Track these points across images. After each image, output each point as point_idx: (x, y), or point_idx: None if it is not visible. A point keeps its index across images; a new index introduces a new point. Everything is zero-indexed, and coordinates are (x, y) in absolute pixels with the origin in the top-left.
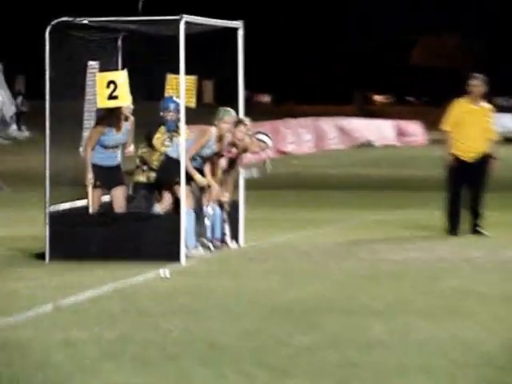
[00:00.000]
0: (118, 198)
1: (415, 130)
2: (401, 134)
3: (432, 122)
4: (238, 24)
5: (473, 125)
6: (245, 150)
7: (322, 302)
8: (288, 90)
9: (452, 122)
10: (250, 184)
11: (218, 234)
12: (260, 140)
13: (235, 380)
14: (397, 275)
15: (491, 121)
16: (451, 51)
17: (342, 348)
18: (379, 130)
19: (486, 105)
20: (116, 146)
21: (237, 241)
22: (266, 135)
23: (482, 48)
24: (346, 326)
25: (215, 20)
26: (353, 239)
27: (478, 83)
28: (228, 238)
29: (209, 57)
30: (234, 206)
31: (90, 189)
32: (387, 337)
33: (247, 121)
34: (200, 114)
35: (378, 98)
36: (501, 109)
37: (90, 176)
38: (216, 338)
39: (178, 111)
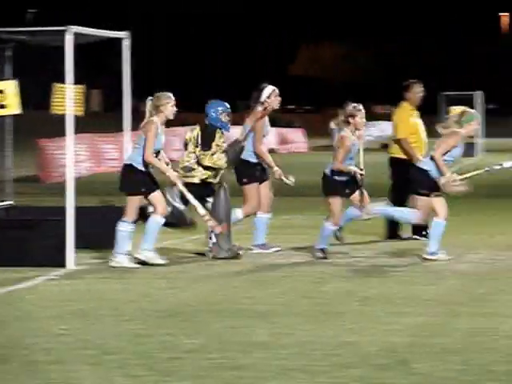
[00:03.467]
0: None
1: (297, 137)
2: (283, 141)
3: (313, 129)
4: (124, 34)
5: (422, 131)
6: None
7: (207, 305)
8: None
9: (408, 129)
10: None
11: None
12: None
13: (123, 383)
14: (280, 278)
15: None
16: (331, 60)
17: (225, 350)
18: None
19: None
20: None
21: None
22: None
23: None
24: (230, 328)
25: (102, 31)
26: (237, 243)
27: (420, 90)
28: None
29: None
30: (120, 210)
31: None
32: (270, 339)
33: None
34: (87, 123)
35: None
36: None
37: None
38: (104, 341)
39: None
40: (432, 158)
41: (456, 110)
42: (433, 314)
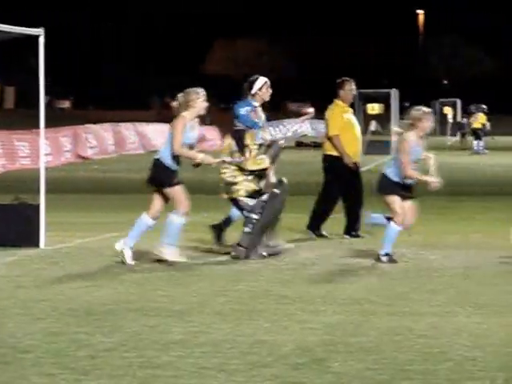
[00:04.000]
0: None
1: (212, 135)
2: (199, 139)
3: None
4: (38, 31)
5: (352, 128)
6: None
7: (122, 303)
8: (88, 96)
9: (339, 126)
10: (51, 187)
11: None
12: None
13: (38, 382)
14: (195, 277)
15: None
16: (246, 57)
17: (141, 349)
18: None
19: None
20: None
21: (38, 243)
22: None
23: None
24: (146, 327)
25: (16, 27)
26: (152, 242)
27: (353, 87)
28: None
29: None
30: (35, 208)
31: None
32: (186, 337)
33: None
34: (1, 120)
35: (175, 103)
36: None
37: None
38: (18, 340)
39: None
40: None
41: (374, 107)
42: (349, 312)
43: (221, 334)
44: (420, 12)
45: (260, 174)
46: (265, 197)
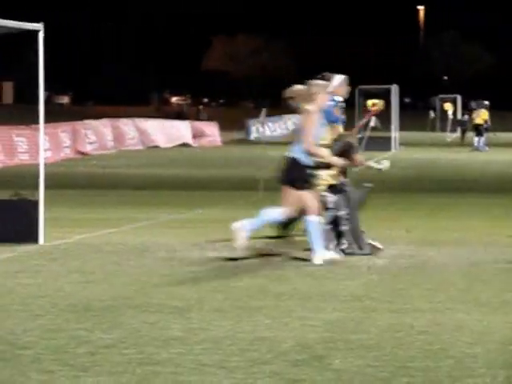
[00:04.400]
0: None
1: (211, 131)
2: (197, 134)
3: (227, 123)
4: (38, 26)
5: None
6: None
7: (122, 300)
8: (87, 92)
9: None
10: (50, 183)
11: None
12: None
13: (37, 378)
14: (194, 274)
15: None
16: (248, 53)
17: (141, 345)
18: (176, 131)
19: None
20: None
21: (37, 239)
22: None
23: (284, 51)
24: (146, 323)
25: (15, 22)
26: (151, 238)
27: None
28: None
29: (8, 58)
30: (34, 204)
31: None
32: (185, 334)
33: None
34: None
35: (174, 99)
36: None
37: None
38: (17, 336)
39: None
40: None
41: (374, 102)
42: (349, 309)
43: (221, 331)
44: (420, 8)
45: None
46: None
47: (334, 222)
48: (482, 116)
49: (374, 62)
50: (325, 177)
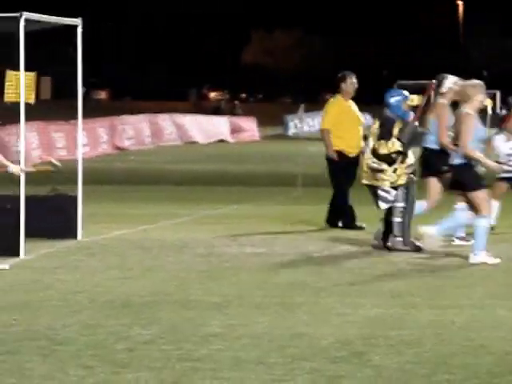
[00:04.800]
0: None
1: (249, 126)
2: (235, 130)
3: (266, 118)
4: (76, 21)
5: (353, 122)
6: None
7: (160, 296)
8: (125, 87)
9: (332, 121)
10: (88, 178)
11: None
12: None
13: (76, 374)
14: (233, 270)
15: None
16: (286, 48)
17: (180, 341)
18: (214, 127)
19: (352, 102)
20: None
21: (75, 235)
22: None
23: (325, 45)
24: (184, 319)
25: (54, 17)
26: (190, 234)
27: (353, 81)
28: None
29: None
30: (72, 199)
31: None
32: (224, 330)
33: None
34: (38, 110)
35: (213, 94)
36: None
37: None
38: (56, 332)
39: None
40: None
41: (413, 98)
42: (389, 305)
43: (259, 327)
44: (460, 2)
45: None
46: (403, 186)
47: (389, 213)
48: None
49: (413, 57)
50: (391, 173)
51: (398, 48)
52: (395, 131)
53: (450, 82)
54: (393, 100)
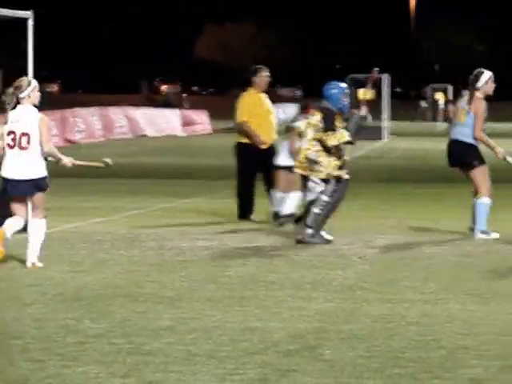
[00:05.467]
0: None
1: (201, 119)
2: (187, 123)
3: (218, 112)
4: (27, 14)
5: (265, 114)
6: None
7: (111, 289)
8: (75, 79)
9: (247, 113)
10: None
11: None
12: None
13: (26, 368)
14: (184, 263)
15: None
16: (239, 42)
17: (131, 335)
18: (165, 120)
19: (265, 94)
20: None
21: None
22: None
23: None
24: (135, 313)
25: (4, 10)
26: (141, 227)
27: (265, 74)
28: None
29: None
30: None
31: None
32: (175, 324)
33: None
34: None
35: (164, 87)
36: (286, 99)
37: None
38: (6, 325)
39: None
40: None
41: (363, 92)
42: (340, 299)
43: (211, 321)
44: None
45: (340, 155)
46: (335, 181)
47: (312, 202)
48: None
49: (366, 51)
50: (328, 165)
51: (351, 42)
52: (338, 122)
53: (486, 76)
54: (331, 92)
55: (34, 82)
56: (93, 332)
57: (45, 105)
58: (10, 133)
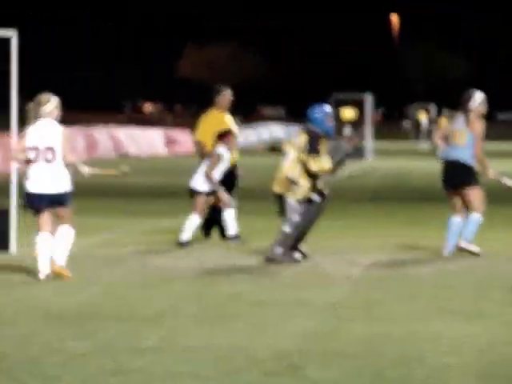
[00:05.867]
0: None
1: (184, 139)
2: (169, 142)
3: None
4: (11, 33)
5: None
6: None
7: (94, 308)
8: (59, 98)
9: (203, 132)
10: (22, 191)
11: None
12: None
13: None
14: (167, 282)
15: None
16: (220, 61)
17: (114, 354)
18: (148, 139)
19: (228, 114)
20: None
21: (7, 248)
22: None
23: (260, 58)
24: (118, 332)
25: None
26: (124, 247)
27: (226, 94)
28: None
29: None
30: (4, 212)
31: None
32: (158, 343)
33: None
34: None
35: (147, 106)
36: (270, 118)
37: None
38: None
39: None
40: None
41: (346, 111)
42: (325, 318)
43: (195, 340)
44: (393, 16)
45: (316, 178)
46: (307, 203)
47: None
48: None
49: (348, 70)
50: (305, 189)
51: (334, 61)
52: (322, 147)
53: (480, 96)
54: (316, 115)
55: (55, 98)
56: (77, 352)
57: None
58: (32, 148)
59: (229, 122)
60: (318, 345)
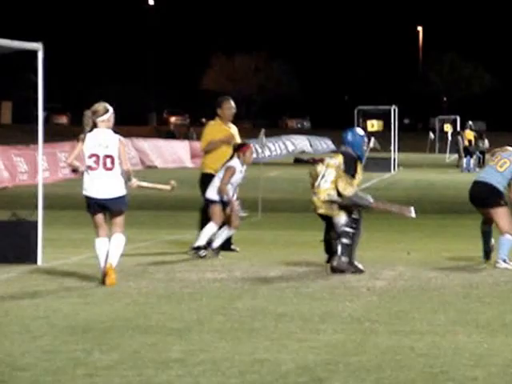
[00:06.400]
0: None
1: None
2: (196, 155)
3: None
4: (37, 46)
5: (229, 145)
6: None
7: (121, 321)
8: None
9: (205, 142)
10: (49, 203)
11: None
12: None
13: None
14: (193, 295)
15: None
16: (246, 73)
17: (140, 367)
18: (174, 151)
19: (233, 125)
20: None
21: (35, 260)
22: None
23: (285, 70)
24: (145, 345)
25: (15, 42)
26: (149, 259)
27: (231, 105)
28: None
29: (7, 78)
30: (32, 225)
31: None
32: (185, 356)
33: None
34: None
35: (173, 119)
36: (294, 130)
37: None
38: (15, 358)
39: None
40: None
41: (373, 123)
42: (349, 331)
43: (220, 353)
44: (419, 28)
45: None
46: (355, 214)
47: (338, 235)
48: (466, 137)
49: (373, 83)
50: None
51: (359, 74)
52: (359, 169)
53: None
54: (356, 139)
55: (111, 108)
56: (102, 364)
57: (55, 136)
58: (91, 155)
59: (232, 132)
60: (342, 358)
